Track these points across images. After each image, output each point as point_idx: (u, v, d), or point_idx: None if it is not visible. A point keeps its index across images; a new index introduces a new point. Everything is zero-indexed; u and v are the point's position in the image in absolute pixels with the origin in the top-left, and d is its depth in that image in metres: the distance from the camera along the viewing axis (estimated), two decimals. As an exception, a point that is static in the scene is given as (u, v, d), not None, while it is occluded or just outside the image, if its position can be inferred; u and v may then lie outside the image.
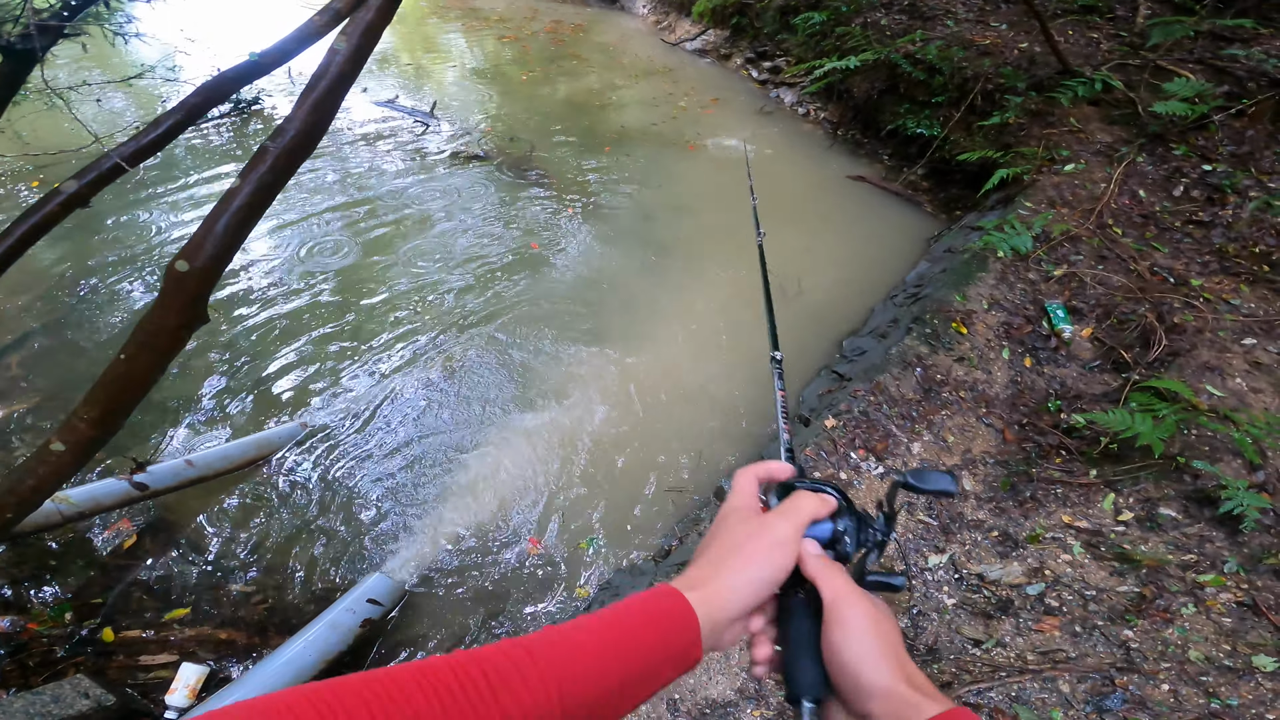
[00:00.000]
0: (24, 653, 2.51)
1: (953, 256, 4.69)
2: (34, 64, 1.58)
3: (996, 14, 6.58)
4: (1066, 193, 4.78)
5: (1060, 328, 3.79)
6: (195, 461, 3.09)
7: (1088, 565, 2.40)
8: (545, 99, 7.88)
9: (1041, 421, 3.28)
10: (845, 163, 6.52)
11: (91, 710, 2.18)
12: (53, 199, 1.55)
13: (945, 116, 5.95)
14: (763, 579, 0.58)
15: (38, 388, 3.64)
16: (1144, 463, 2.79)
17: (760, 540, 0.60)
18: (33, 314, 4.05)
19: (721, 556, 0.59)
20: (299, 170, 1.81)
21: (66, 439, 1.84)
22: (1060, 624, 2.16)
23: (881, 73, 6.43)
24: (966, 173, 5.72)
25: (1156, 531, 2.53)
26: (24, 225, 1.58)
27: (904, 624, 2.34)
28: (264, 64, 1.44)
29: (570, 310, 4.52)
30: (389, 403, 3.73)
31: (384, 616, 2.78)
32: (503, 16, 10.86)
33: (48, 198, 1.56)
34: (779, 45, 7.87)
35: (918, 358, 3.62)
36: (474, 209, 5.53)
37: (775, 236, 5.82)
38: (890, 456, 3.13)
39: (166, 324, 1.73)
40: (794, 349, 4.31)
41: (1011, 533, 2.63)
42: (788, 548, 0.59)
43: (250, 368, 3.85)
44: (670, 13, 10.01)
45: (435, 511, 3.19)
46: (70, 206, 1.57)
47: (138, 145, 1.52)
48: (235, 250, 1.85)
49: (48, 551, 2.93)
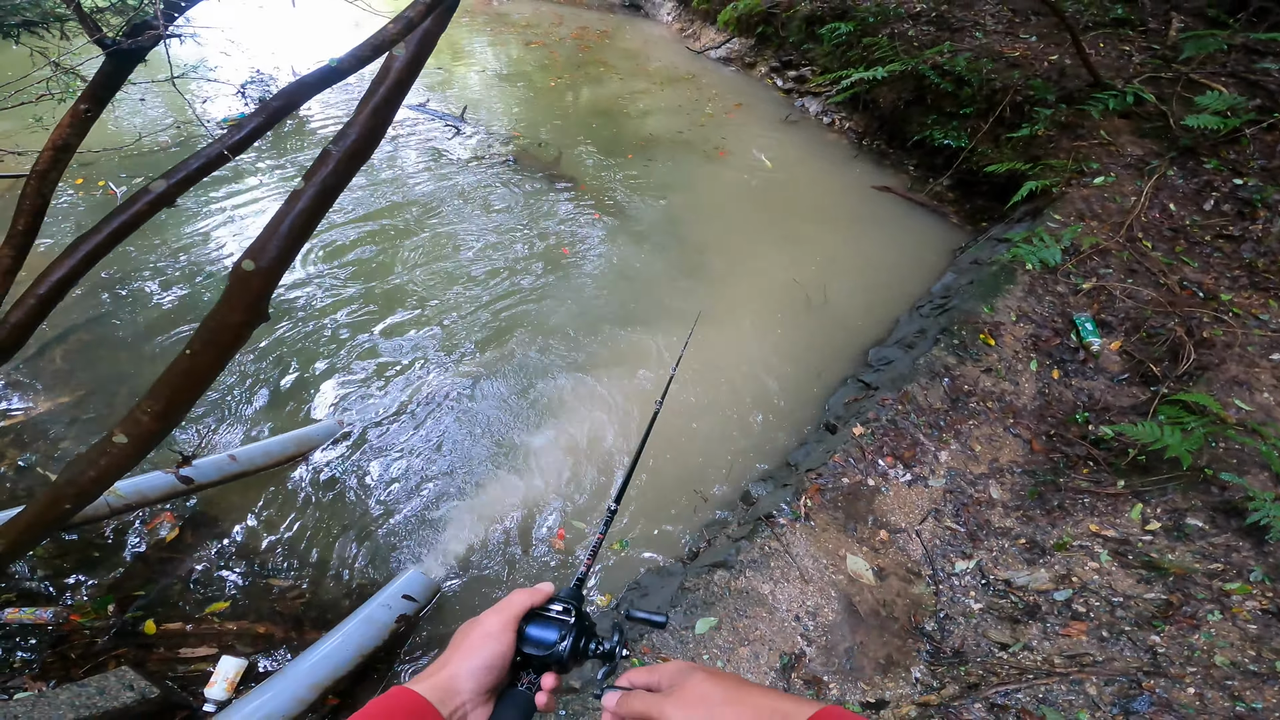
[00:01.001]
0: (65, 644, 2.60)
1: (980, 268, 4.76)
2: (136, 63, 1.72)
3: (1026, 26, 6.67)
4: (1096, 206, 4.84)
5: (1089, 340, 3.86)
6: (238, 456, 3.23)
7: (1115, 573, 2.46)
8: (571, 105, 8.06)
9: (1069, 433, 3.35)
10: (870, 173, 6.61)
11: (135, 702, 2.26)
12: (141, 198, 1.69)
13: (973, 128, 6.03)
14: (481, 665, 0.70)
15: (81, 381, 3.80)
16: (1172, 474, 2.85)
17: (475, 634, 0.73)
18: (79, 308, 4.24)
19: (449, 653, 0.72)
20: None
21: (130, 431, 1.91)
22: (1087, 629, 2.23)
23: (908, 83, 6.52)
24: (994, 184, 5.79)
25: (1183, 541, 2.59)
26: (113, 223, 1.72)
27: (931, 627, 2.43)
28: (341, 69, 1.56)
29: (600, 317, 4.64)
30: (423, 403, 3.86)
31: (418, 612, 2.88)
32: (529, 22, 11.11)
33: (136, 197, 1.70)
34: (804, 55, 8.00)
35: (945, 368, 3.70)
36: (503, 214, 5.69)
37: (799, 245, 5.88)
38: (918, 464, 3.21)
39: (230, 321, 1.83)
40: (819, 358, 4.41)
41: (1039, 540, 2.70)
42: (499, 638, 0.72)
43: (290, 366, 4.00)
44: (695, 20, 10.18)
45: (469, 509, 3.31)
46: (158, 206, 1.71)
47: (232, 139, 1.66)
48: (298, 250, 1.98)
49: (92, 543, 3.05)
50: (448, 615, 2.98)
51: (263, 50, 8.00)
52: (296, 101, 1.59)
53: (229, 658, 2.54)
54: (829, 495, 2.99)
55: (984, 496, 3.02)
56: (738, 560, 2.67)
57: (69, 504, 2.03)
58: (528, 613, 0.77)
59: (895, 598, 2.56)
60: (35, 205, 1.79)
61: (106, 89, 1.70)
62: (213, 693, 2.45)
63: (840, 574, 2.64)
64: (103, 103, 1.73)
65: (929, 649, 2.35)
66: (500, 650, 0.71)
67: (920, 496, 3.03)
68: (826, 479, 3.07)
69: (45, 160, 1.76)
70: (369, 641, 2.62)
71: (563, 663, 0.75)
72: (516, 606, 0.76)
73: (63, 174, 1.73)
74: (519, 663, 0.75)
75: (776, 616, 2.46)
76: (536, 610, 0.78)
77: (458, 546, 3.18)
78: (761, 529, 2.83)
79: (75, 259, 1.68)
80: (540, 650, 0.75)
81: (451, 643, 0.74)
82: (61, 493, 2.00)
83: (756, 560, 2.67)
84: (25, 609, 2.60)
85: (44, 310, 1.76)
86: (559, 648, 0.74)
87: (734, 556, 2.70)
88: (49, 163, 1.72)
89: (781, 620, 2.45)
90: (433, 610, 2.97)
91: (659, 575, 3.00)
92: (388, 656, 2.73)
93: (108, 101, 1.72)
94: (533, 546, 3.23)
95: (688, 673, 0.68)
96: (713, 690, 0.65)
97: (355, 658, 2.55)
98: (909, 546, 2.79)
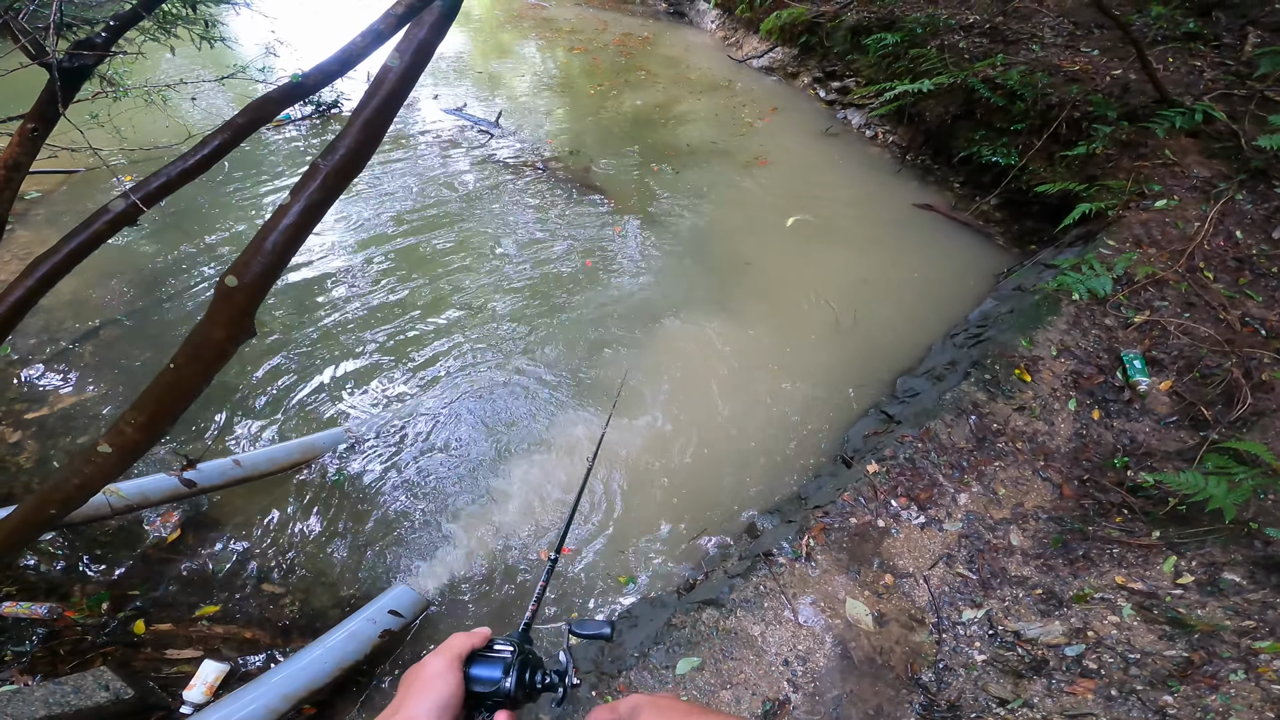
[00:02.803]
0: (56, 640, 2.70)
1: (1022, 296, 4.59)
2: (83, 81, 1.77)
3: (1089, 39, 6.43)
4: (1155, 231, 4.61)
5: (1136, 380, 3.66)
6: (243, 461, 3.33)
7: (1136, 628, 2.32)
8: (612, 112, 8.13)
9: (1105, 478, 3.18)
10: (912, 189, 6.46)
11: (109, 703, 2.33)
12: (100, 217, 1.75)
13: (1024, 145, 5.83)
14: (436, 705, 0.71)
15: (109, 377, 3.99)
16: (1213, 526, 2.68)
17: (424, 675, 0.74)
18: (111, 303, 4.47)
19: (400, 698, 0.73)
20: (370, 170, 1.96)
21: (114, 442, 1.96)
22: (1095, 687, 2.10)
23: (957, 97, 6.36)
24: (1045, 205, 5.59)
25: (1216, 596, 2.43)
26: (72, 243, 1.77)
27: (928, 678, 2.32)
28: (306, 85, 1.60)
29: (619, 333, 4.64)
30: (430, 417, 3.92)
31: (404, 628, 2.91)
32: (574, 27, 11.29)
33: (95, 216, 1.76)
34: (849, 65, 7.89)
35: (974, 404, 3.56)
36: (530, 222, 5.77)
37: (832, 262, 5.80)
38: (934, 506, 3.09)
39: (214, 336, 1.86)
40: (842, 383, 4.31)
41: (1057, 591, 2.57)
42: (446, 676, 0.74)
43: (300, 371, 4.12)
44: (738, 29, 10.17)
45: (466, 527, 3.34)
46: (118, 224, 1.77)
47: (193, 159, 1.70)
48: (283, 267, 2.02)
49: (95, 540, 3.18)
50: (434, 632, 3.00)
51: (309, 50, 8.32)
52: (262, 117, 1.63)
53: (211, 662, 2.61)
54: (834, 535, 2.90)
55: (1002, 543, 2.89)
56: (730, 599, 2.61)
57: (55, 509, 2.09)
58: (469, 654, 0.79)
59: (894, 645, 2.46)
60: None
61: (53, 106, 1.73)
62: (191, 696, 2.52)
63: (838, 618, 2.55)
64: (51, 121, 1.77)
65: (922, 701, 2.25)
66: (450, 689, 0.73)
67: (933, 540, 2.92)
68: (833, 518, 2.98)
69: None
70: (350, 655, 2.66)
71: (511, 698, 0.77)
72: (457, 647, 0.78)
73: (17, 192, 1.78)
74: (470, 704, 0.76)
75: (764, 660, 2.40)
76: (478, 651, 0.80)
77: (451, 564, 3.20)
78: (759, 567, 2.77)
79: (33, 279, 1.74)
80: (486, 688, 0.76)
81: (400, 687, 0.75)
82: (47, 498, 2.06)
83: (750, 600, 2.61)
84: (22, 603, 2.71)
85: (3, 330, 1.80)
86: (504, 683, 0.77)
87: (726, 594, 2.64)
88: (2, 182, 1.76)
89: (769, 664, 2.38)
90: (420, 627, 2.99)
91: (651, 605, 2.96)
92: (370, 669, 2.77)
93: (56, 119, 1.76)
94: (530, 569, 3.23)
95: (642, 707, 0.71)
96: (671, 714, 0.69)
97: (334, 670, 2.59)
98: (914, 592, 2.68)
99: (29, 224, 5.17)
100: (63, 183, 5.75)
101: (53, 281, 1.79)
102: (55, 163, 5.51)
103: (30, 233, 5.06)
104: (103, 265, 4.74)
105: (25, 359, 4.03)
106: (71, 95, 1.77)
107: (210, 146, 1.64)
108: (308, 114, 7.10)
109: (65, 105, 1.74)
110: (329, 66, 1.55)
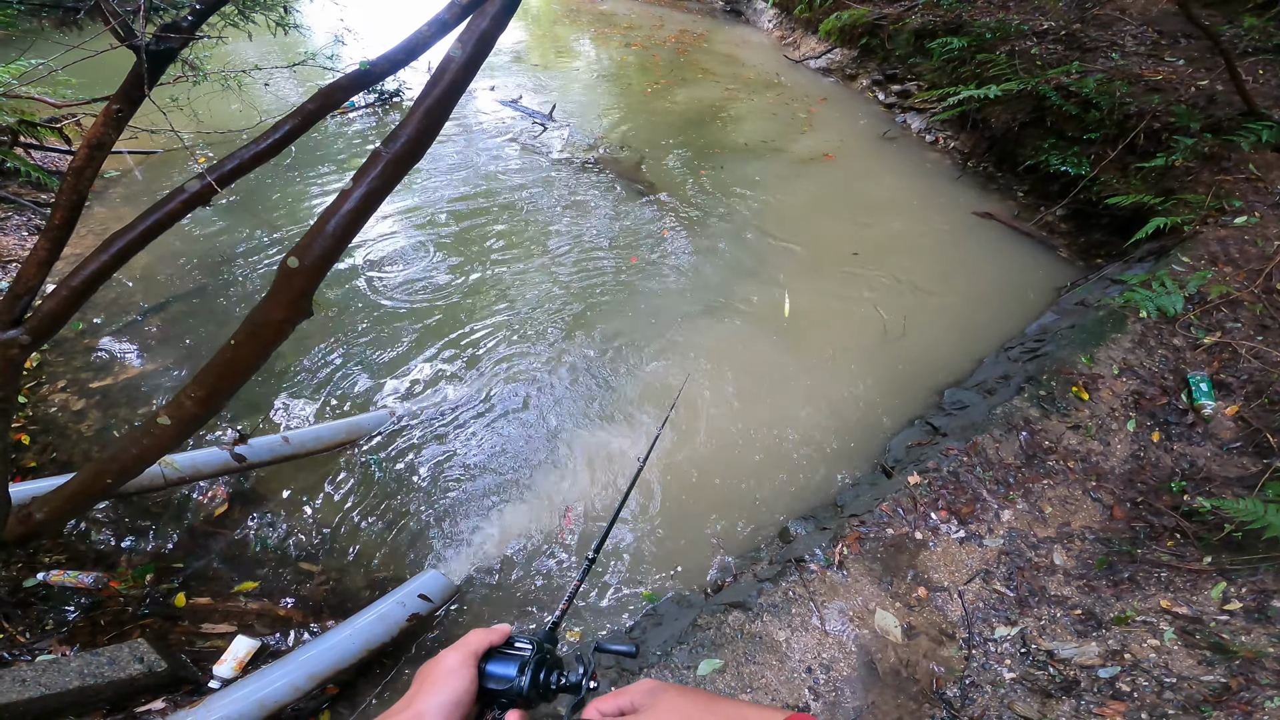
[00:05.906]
0: (99, 610, 2.80)
1: (1085, 311, 4.49)
2: (168, 64, 1.89)
3: (1173, 49, 6.23)
4: (1233, 249, 4.46)
5: (1201, 403, 3.56)
6: (291, 439, 3.51)
7: (1175, 652, 2.27)
8: (665, 108, 8.23)
9: (1159, 501, 3.10)
10: (973, 197, 6.36)
11: (142, 675, 2.39)
12: (176, 196, 1.90)
13: (1097, 155, 5.69)
14: (447, 701, 0.73)
15: (173, 351, 4.25)
16: (1268, 555, 2.61)
17: (437, 670, 0.76)
18: (180, 280, 4.76)
19: (413, 692, 0.75)
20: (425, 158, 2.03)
21: (173, 414, 2.09)
22: (1126, 710, 2.07)
23: (1026, 104, 6.24)
24: (1115, 218, 5.45)
25: (1263, 623, 2.36)
26: (147, 220, 1.92)
27: (953, 693, 2.32)
28: (374, 73, 1.71)
29: (667, 334, 4.71)
30: (475, 406, 4.06)
31: (432, 613, 3.01)
32: (632, 24, 11.45)
33: (171, 195, 1.90)
34: (910, 69, 7.80)
35: (1025, 420, 3.52)
36: (579, 216, 5.90)
37: (886, 268, 5.76)
38: (975, 521, 3.07)
39: (273, 316, 1.95)
40: (888, 393, 4.29)
41: (1097, 612, 2.53)
42: (461, 672, 0.75)
43: (348, 353, 4.32)
44: (796, 29, 10.15)
45: (502, 516, 3.44)
46: (192, 204, 1.91)
47: (266, 142, 1.84)
48: (342, 250, 2.14)
49: (146, 511, 3.35)
50: (463, 618, 3.11)
51: (376, 39, 8.65)
52: (331, 104, 1.75)
53: (243, 638, 2.73)
54: (869, 545, 2.91)
55: (1044, 561, 2.85)
56: (757, 602, 2.66)
57: (111, 479, 2.21)
58: (487, 651, 0.81)
59: (921, 658, 2.47)
60: (71, 200, 1.93)
61: (138, 89, 1.84)
62: (221, 670, 2.63)
63: (865, 628, 2.57)
64: (135, 103, 1.88)
65: (945, 717, 2.25)
66: (464, 685, 0.74)
67: (971, 555, 2.90)
68: (869, 527, 2.99)
69: (81, 158, 1.90)
70: (377, 637, 2.72)
71: (525, 697, 0.78)
72: (474, 644, 0.79)
73: (99, 171, 1.91)
74: (483, 701, 0.79)
75: (787, 666, 2.43)
76: (496, 648, 0.82)
77: (485, 551, 3.31)
78: (790, 572, 2.80)
79: (108, 254, 1.87)
80: (501, 685, 0.78)
81: (415, 681, 0.77)
82: (105, 468, 2.19)
83: (777, 604, 2.64)
84: (70, 572, 2.86)
85: (77, 302, 1.93)
86: (519, 681, 0.78)
87: (754, 598, 2.68)
88: (84, 160, 1.87)
89: (791, 670, 2.42)
90: (448, 612, 3.11)
91: (678, 605, 3.02)
92: (396, 651, 2.87)
93: (141, 101, 1.87)
94: (562, 560, 3.32)
95: (658, 691, 0.72)
96: (685, 705, 0.69)
97: (361, 652, 2.65)
98: (947, 606, 2.67)
99: (107, 201, 5.55)
100: (141, 163, 6.15)
101: (127, 257, 1.92)
102: (135, 144, 5.91)
103: (107, 210, 5.43)
104: (172, 245, 5.06)
105: (94, 330, 4.33)
106: (156, 78, 1.88)
107: (281, 131, 1.77)
108: (370, 102, 7.43)
109: (150, 87, 1.86)
110: (395, 55, 1.67)
